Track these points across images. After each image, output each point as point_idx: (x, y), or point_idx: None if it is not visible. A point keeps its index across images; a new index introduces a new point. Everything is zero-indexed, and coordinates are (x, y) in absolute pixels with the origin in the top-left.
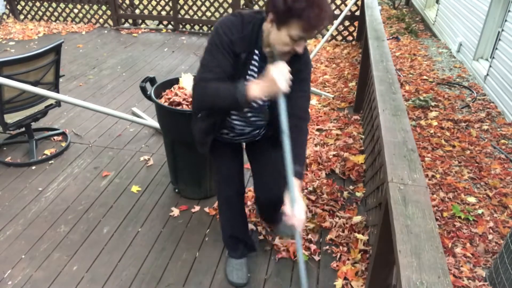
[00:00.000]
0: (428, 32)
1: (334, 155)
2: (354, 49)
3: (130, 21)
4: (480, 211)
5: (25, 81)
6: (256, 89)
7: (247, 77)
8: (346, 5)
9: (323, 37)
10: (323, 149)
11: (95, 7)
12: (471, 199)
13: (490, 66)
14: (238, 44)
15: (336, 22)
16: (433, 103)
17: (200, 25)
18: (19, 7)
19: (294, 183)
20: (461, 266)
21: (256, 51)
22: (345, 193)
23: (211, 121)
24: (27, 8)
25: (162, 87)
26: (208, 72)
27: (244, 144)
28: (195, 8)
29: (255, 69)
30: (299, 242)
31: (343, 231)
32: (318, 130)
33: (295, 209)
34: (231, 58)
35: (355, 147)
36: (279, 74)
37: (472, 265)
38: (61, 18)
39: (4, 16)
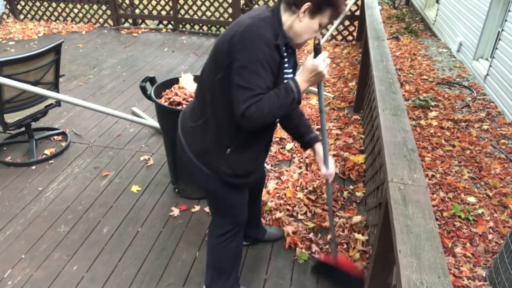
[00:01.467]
0: (428, 32)
1: (334, 155)
2: (354, 49)
3: (130, 21)
4: (480, 211)
5: (25, 81)
6: (305, 83)
7: (285, 75)
8: (346, 5)
9: (323, 37)
10: None
11: (95, 7)
12: (471, 199)
13: (490, 65)
14: (282, 46)
15: (336, 22)
16: (433, 103)
17: (200, 25)
18: (19, 7)
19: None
20: (461, 266)
21: (283, 47)
22: (345, 193)
23: (262, 144)
24: (27, 8)
25: (162, 87)
26: (257, 96)
27: None
28: (195, 8)
29: (287, 65)
30: (329, 191)
31: (343, 231)
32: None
33: (329, 166)
34: (276, 69)
35: (355, 147)
36: (324, 65)
37: (472, 265)
38: (61, 18)
39: (4, 16)
